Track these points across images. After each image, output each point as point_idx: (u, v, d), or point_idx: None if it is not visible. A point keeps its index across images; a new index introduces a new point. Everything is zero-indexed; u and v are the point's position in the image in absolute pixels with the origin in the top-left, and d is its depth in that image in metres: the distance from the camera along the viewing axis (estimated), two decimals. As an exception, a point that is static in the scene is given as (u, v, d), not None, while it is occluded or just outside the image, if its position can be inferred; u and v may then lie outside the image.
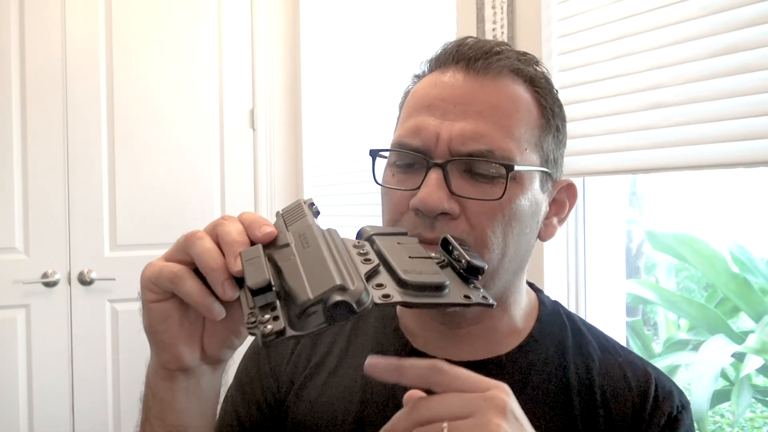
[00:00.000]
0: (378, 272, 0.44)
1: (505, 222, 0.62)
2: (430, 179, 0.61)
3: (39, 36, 2.15)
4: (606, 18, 1.30)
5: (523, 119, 0.64)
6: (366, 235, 0.50)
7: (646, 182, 3.53)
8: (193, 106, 2.37)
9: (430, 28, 1.83)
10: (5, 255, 2.11)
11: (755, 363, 2.72)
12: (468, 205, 0.61)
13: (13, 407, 2.10)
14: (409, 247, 0.48)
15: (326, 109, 2.37)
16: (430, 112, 0.64)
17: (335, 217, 2.32)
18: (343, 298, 0.39)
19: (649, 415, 0.65)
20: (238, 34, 2.45)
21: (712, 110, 1.13)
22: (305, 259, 0.44)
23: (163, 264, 0.50)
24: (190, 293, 0.48)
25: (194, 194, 2.37)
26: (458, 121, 0.62)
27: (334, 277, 0.40)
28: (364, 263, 0.45)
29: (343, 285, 0.39)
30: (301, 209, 0.53)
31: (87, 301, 2.21)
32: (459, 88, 0.64)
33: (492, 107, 0.63)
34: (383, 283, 0.43)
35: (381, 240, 0.49)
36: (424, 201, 0.60)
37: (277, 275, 0.44)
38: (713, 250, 3.08)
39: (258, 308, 0.41)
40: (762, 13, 1.06)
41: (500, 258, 0.63)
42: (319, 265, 0.42)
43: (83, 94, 2.21)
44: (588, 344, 0.70)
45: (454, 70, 0.65)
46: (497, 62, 0.64)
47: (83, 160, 2.21)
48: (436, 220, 0.61)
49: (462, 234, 0.61)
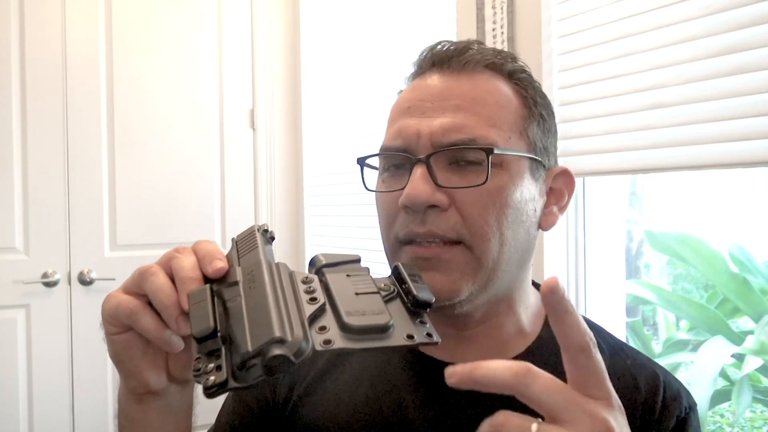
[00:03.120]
0: (324, 311, 0.44)
1: (497, 210, 0.61)
2: (415, 175, 0.61)
3: (39, 36, 2.15)
4: (606, 18, 1.30)
5: (503, 108, 0.64)
6: (317, 266, 0.50)
7: (646, 182, 3.53)
8: (193, 106, 2.37)
9: (430, 28, 1.83)
10: (5, 255, 2.11)
11: (755, 363, 2.72)
12: (457, 196, 0.61)
13: (13, 407, 2.09)
14: (358, 280, 0.48)
15: (326, 109, 2.37)
16: (410, 114, 0.64)
17: (335, 217, 2.32)
18: (280, 351, 0.38)
19: (658, 417, 0.65)
20: (238, 34, 2.45)
21: (712, 110, 1.13)
22: (250, 301, 0.44)
23: (120, 299, 0.50)
24: (147, 329, 0.49)
25: (194, 194, 2.37)
26: (437, 117, 0.62)
27: (274, 327, 0.40)
28: (310, 303, 0.45)
29: (281, 337, 0.39)
30: (254, 238, 0.53)
31: (87, 301, 2.21)
32: (435, 87, 0.65)
33: (470, 99, 0.63)
34: (326, 326, 0.43)
35: (330, 274, 0.48)
36: (409, 196, 0.60)
37: (225, 315, 0.44)
38: (713, 250, 3.08)
39: (204, 354, 0.41)
40: (762, 13, 1.06)
41: (499, 247, 0.62)
42: (262, 311, 0.42)
43: (83, 93, 2.21)
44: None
45: (429, 74, 0.66)
46: (471, 58, 0.65)
47: (83, 160, 2.21)
48: (426, 215, 0.61)
49: (455, 226, 0.61)
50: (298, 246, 2.55)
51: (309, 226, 2.51)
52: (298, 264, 2.56)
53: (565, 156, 1.37)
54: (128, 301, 0.49)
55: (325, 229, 2.41)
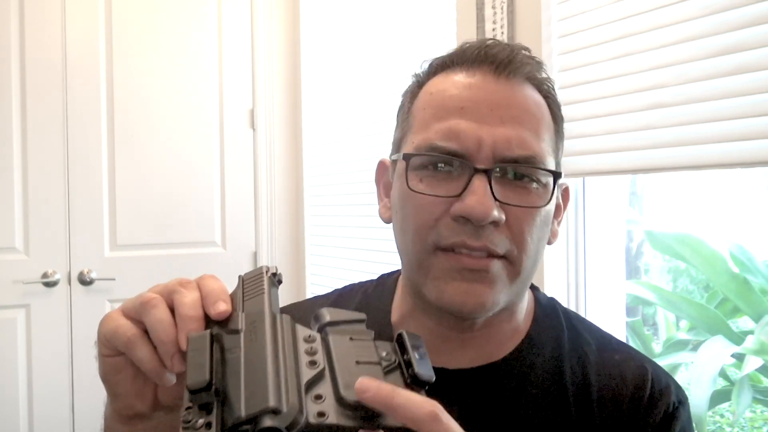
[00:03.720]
0: (322, 377, 0.43)
1: (539, 229, 0.62)
2: (477, 186, 0.59)
3: (39, 36, 2.15)
4: (606, 18, 1.30)
5: (547, 125, 0.64)
6: (321, 323, 0.48)
7: (646, 182, 3.53)
8: (193, 106, 2.37)
9: (430, 28, 1.83)
10: (5, 255, 2.11)
11: (755, 363, 2.72)
12: (510, 212, 0.60)
13: (13, 407, 2.09)
14: (360, 345, 0.46)
15: (326, 109, 2.37)
16: (464, 116, 0.61)
17: (335, 217, 2.32)
18: (273, 423, 0.38)
19: (644, 411, 0.65)
20: (238, 34, 2.45)
21: (712, 110, 1.13)
22: (249, 357, 0.43)
23: (119, 324, 0.49)
24: (141, 361, 0.48)
25: (194, 194, 2.37)
26: (498, 126, 0.60)
27: (269, 395, 0.39)
28: (309, 366, 0.43)
29: (276, 408, 0.38)
30: (261, 282, 0.51)
31: (87, 301, 2.21)
32: (492, 91, 0.62)
33: (526, 112, 0.62)
34: (322, 395, 0.41)
35: (333, 335, 0.46)
36: (475, 210, 0.58)
37: (222, 365, 0.43)
38: (713, 250, 3.08)
39: (196, 405, 0.40)
40: (762, 13, 1.06)
41: (533, 263, 0.63)
42: (260, 372, 0.41)
43: (83, 93, 2.21)
44: (584, 342, 0.70)
45: (482, 72, 0.63)
46: (526, 66, 0.64)
47: (83, 160, 2.21)
48: (483, 228, 0.59)
49: (504, 241, 0.60)
50: (298, 246, 2.55)
51: (309, 226, 2.51)
52: (298, 264, 2.56)
53: (565, 156, 1.36)
54: (127, 328, 0.48)
55: (325, 230, 2.41)
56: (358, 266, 2.12)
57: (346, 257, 2.24)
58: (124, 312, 0.49)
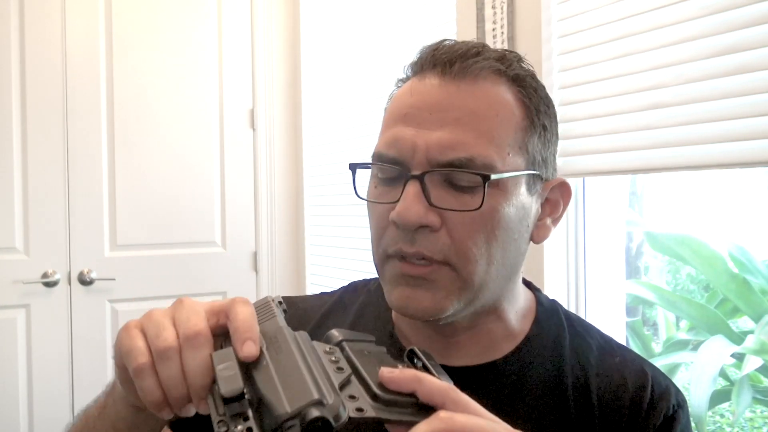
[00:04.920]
0: (350, 382, 0.44)
1: (488, 232, 0.60)
2: (408, 192, 0.59)
3: (39, 36, 2.15)
4: (606, 18, 1.30)
5: (503, 123, 0.61)
6: (335, 340, 0.50)
7: (646, 182, 3.53)
8: (193, 106, 2.37)
9: (430, 28, 1.83)
10: (5, 255, 2.11)
11: (755, 363, 2.72)
12: (449, 217, 0.60)
13: (13, 407, 2.09)
14: (377, 357, 0.49)
15: (326, 109, 2.37)
16: (406, 122, 0.62)
17: (335, 217, 2.32)
18: (321, 414, 0.38)
19: (645, 414, 0.65)
20: (238, 34, 2.45)
21: (712, 110, 1.13)
22: (279, 367, 0.43)
23: (134, 346, 0.47)
24: (144, 392, 0.46)
25: (194, 194, 2.37)
26: (435, 130, 0.60)
27: (312, 390, 0.39)
28: (337, 372, 0.44)
29: (320, 399, 0.39)
30: (271, 309, 0.52)
31: (87, 301, 2.21)
32: (434, 95, 0.61)
33: (470, 113, 0.60)
34: (355, 395, 0.43)
35: (351, 347, 0.48)
36: (401, 215, 0.58)
37: (247, 381, 0.43)
38: (713, 250, 3.08)
39: (229, 416, 0.40)
40: (762, 13, 1.06)
41: (486, 268, 0.61)
42: (295, 375, 0.41)
43: (83, 94, 2.21)
44: (585, 345, 0.70)
45: (430, 76, 0.63)
46: (475, 64, 0.62)
47: (83, 160, 2.21)
48: (416, 233, 0.59)
49: (442, 247, 0.60)
50: (298, 246, 2.55)
51: (309, 227, 2.51)
52: (298, 264, 2.56)
53: (565, 156, 1.37)
54: (139, 353, 0.46)
55: (325, 230, 2.41)
56: (358, 266, 2.12)
57: (346, 257, 2.25)
58: (144, 329, 0.48)
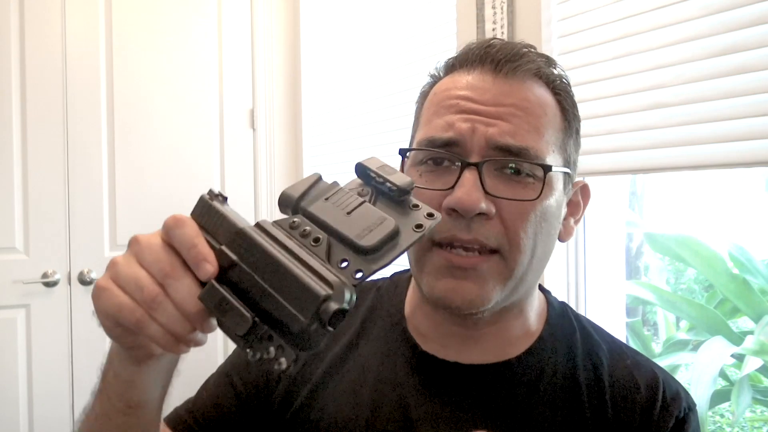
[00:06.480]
0: (332, 246, 0.43)
1: (536, 222, 0.62)
2: (466, 179, 0.60)
3: (39, 36, 2.15)
4: (606, 18, 1.30)
5: (550, 122, 0.64)
6: (292, 204, 0.46)
7: (646, 182, 3.53)
8: (193, 106, 2.37)
9: (430, 28, 1.83)
10: (5, 255, 2.11)
11: (755, 363, 2.72)
12: (502, 206, 0.61)
13: (13, 407, 2.09)
14: (338, 199, 0.46)
15: (326, 109, 2.37)
16: (461, 112, 0.63)
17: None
18: (335, 306, 0.38)
19: (657, 417, 0.65)
20: (238, 34, 2.45)
21: (712, 110, 1.13)
22: (266, 274, 0.41)
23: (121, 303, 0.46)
24: (154, 338, 0.45)
25: (194, 194, 2.30)
26: (493, 119, 0.62)
27: (314, 289, 0.39)
28: (314, 245, 0.43)
29: (327, 295, 0.39)
30: (214, 209, 0.48)
31: (87, 301, 2.21)
32: (489, 90, 0.63)
33: (523, 108, 0.63)
34: (345, 258, 0.42)
35: (310, 206, 0.46)
36: (462, 201, 0.59)
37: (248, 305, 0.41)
38: (712, 251, 3.08)
39: (255, 342, 0.40)
40: (762, 13, 1.06)
41: (530, 260, 0.63)
42: (287, 279, 0.40)
43: (83, 93, 2.21)
44: (596, 346, 0.70)
45: (481, 72, 0.65)
46: (524, 65, 0.64)
47: (83, 160, 2.21)
48: (472, 221, 0.60)
49: (497, 235, 0.61)
50: (298, 246, 2.55)
51: (309, 226, 2.51)
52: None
53: (565, 156, 1.37)
54: (131, 309, 0.46)
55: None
56: (358, 266, 2.12)
57: (346, 257, 2.24)
58: (120, 285, 0.47)
